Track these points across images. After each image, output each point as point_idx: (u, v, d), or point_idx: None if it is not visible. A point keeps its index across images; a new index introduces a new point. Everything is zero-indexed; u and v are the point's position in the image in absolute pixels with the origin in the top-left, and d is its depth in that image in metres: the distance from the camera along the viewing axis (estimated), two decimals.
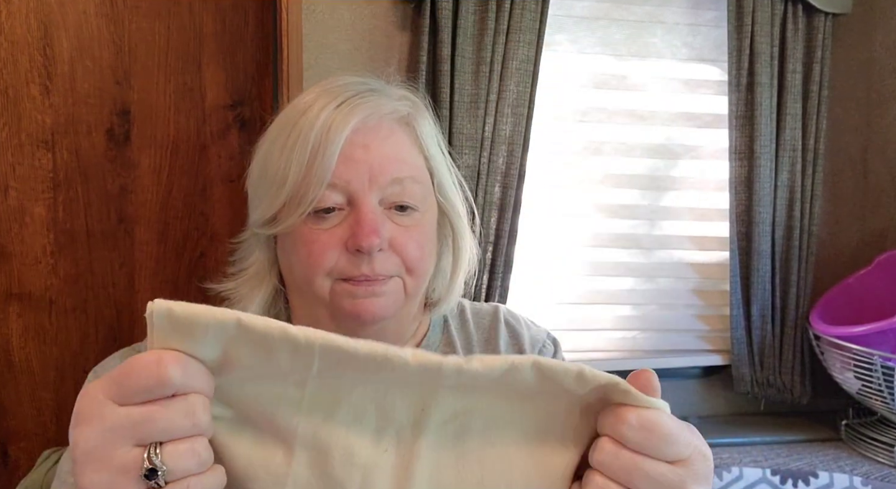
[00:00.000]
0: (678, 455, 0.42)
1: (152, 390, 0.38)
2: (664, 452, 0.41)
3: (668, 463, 0.41)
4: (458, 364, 0.42)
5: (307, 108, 0.68)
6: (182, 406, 0.38)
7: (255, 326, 0.39)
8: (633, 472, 0.41)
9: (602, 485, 0.41)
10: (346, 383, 0.43)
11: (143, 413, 0.37)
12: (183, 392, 0.38)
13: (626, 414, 0.41)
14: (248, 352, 0.40)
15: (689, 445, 0.42)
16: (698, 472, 0.42)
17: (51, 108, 1.22)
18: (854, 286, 1.46)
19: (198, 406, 0.39)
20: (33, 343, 1.25)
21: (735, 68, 1.39)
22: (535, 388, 0.43)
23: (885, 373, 1.25)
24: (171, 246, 1.29)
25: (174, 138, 1.27)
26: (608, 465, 0.41)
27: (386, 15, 1.30)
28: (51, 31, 1.21)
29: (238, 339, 0.40)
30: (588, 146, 1.47)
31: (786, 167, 1.42)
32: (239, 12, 1.28)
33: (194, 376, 0.39)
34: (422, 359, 0.41)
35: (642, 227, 1.52)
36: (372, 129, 0.68)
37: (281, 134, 0.69)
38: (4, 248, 1.23)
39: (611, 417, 0.42)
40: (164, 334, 0.39)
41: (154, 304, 0.38)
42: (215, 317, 0.39)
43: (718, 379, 1.54)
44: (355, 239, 0.65)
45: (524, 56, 1.28)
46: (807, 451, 1.34)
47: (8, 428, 1.26)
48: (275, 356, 0.40)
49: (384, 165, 0.67)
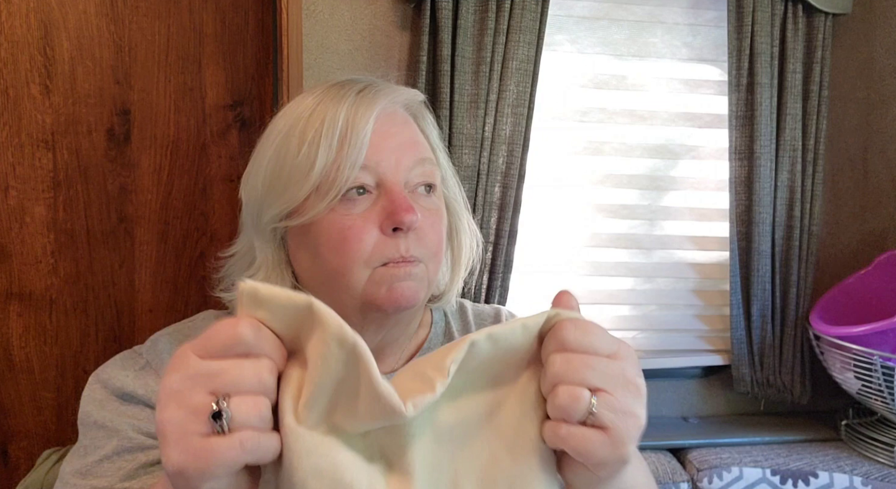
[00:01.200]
0: (610, 348, 0.47)
1: (228, 347, 0.43)
2: (602, 347, 0.47)
3: (606, 357, 0.47)
4: (443, 383, 0.45)
5: (318, 102, 0.69)
6: (251, 364, 0.43)
7: (323, 315, 0.44)
8: (585, 370, 0.45)
9: (567, 391, 0.45)
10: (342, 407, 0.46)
11: (218, 366, 0.43)
12: (255, 353, 0.43)
13: (564, 323, 0.47)
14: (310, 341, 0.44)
15: (614, 340, 0.48)
16: (632, 361, 0.48)
17: (51, 108, 1.22)
18: (854, 286, 1.46)
19: (265, 367, 0.43)
20: (33, 343, 1.25)
21: (735, 68, 1.39)
22: (491, 355, 0.47)
23: (885, 373, 1.25)
24: (171, 246, 1.29)
25: (174, 138, 1.27)
26: (563, 372, 0.46)
27: (386, 15, 1.30)
28: (51, 31, 1.21)
29: (305, 322, 0.44)
30: (588, 146, 1.47)
31: (786, 167, 1.42)
32: (239, 12, 1.28)
33: (265, 340, 0.44)
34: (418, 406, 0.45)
35: (642, 227, 1.52)
36: (390, 115, 0.70)
37: (295, 127, 0.69)
38: (4, 248, 1.23)
39: (551, 334, 0.47)
40: (249, 309, 0.44)
41: (244, 284, 0.44)
42: (291, 298, 0.44)
43: (718, 379, 1.54)
44: (394, 216, 0.65)
45: (524, 56, 1.28)
46: (807, 451, 1.34)
47: (8, 427, 1.26)
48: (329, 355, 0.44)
49: (408, 148, 0.69)
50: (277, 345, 0.45)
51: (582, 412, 0.45)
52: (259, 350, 0.43)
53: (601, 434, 0.45)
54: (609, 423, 0.45)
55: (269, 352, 0.44)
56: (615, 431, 0.45)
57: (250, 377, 0.43)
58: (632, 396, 0.47)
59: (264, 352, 0.44)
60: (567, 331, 0.46)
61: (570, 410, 0.45)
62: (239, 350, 0.43)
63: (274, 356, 0.44)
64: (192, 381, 0.42)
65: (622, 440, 0.45)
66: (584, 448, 0.45)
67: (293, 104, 0.72)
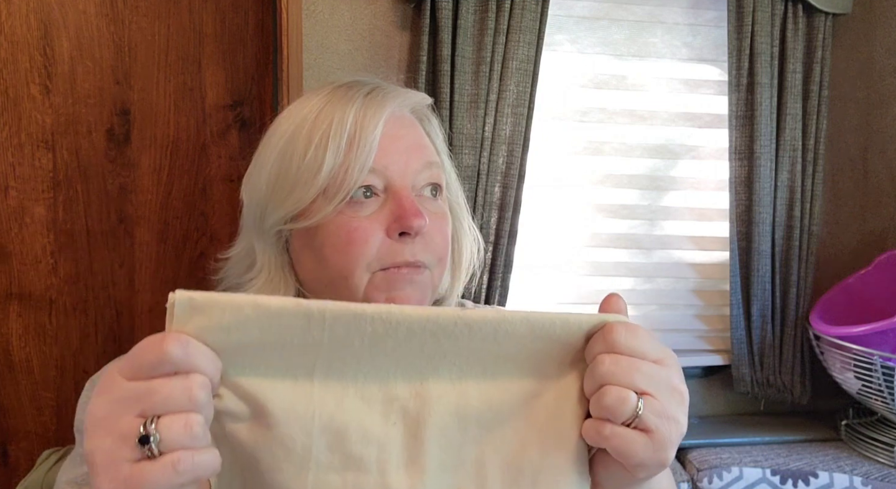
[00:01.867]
0: (658, 354, 0.48)
1: (155, 366, 0.41)
2: (650, 352, 0.47)
3: (654, 363, 0.47)
4: (455, 313, 0.46)
5: (325, 103, 0.68)
6: (180, 382, 0.41)
7: (271, 305, 0.43)
8: (633, 373, 0.46)
9: (614, 392, 0.45)
10: (350, 369, 0.47)
11: (145, 386, 0.41)
12: (185, 370, 0.41)
13: (614, 326, 0.47)
14: (262, 332, 0.44)
15: (662, 347, 0.48)
16: (677, 368, 0.49)
17: (51, 108, 1.22)
18: (854, 286, 1.45)
19: (196, 384, 0.41)
20: (33, 343, 1.25)
21: (735, 68, 1.39)
22: (526, 340, 0.47)
23: (885, 373, 1.25)
24: (171, 246, 1.29)
25: (174, 138, 1.27)
26: (611, 373, 0.46)
27: (386, 15, 1.30)
28: (51, 31, 1.21)
29: (254, 320, 0.43)
30: (588, 146, 1.47)
31: (786, 167, 1.42)
32: (239, 12, 1.28)
33: (195, 355, 0.42)
34: (422, 312, 0.46)
35: (642, 227, 1.52)
36: (398, 119, 0.70)
37: (301, 128, 0.68)
38: (4, 248, 1.23)
39: (600, 335, 0.47)
40: (182, 322, 0.42)
41: (176, 294, 0.42)
42: (233, 300, 0.43)
43: (718, 379, 1.54)
44: (402, 220, 0.64)
45: (524, 56, 1.28)
46: (807, 451, 1.34)
47: (8, 428, 1.26)
48: (288, 333, 0.44)
49: (415, 151, 0.68)
50: (210, 358, 0.43)
51: (628, 414, 0.45)
52: (189, 366, 0.41)
53: (644, 436, 0.46)
54: (653, 427, 0.46)
55: (200, 366, 0.42)
56: (658, 435, 0.46)
57: (179, 395, 0.41)
58: (676, 402, 0.47)
59: (195, 367, 0.42)
60: (617, 333, 0.46)
61: (616, 411, 0.45)
62: (167, 368, 0.41)
63: (207, 370, 0.42)
64: (118, 405, 0.41)
65: (664, 444, 0.46)
66: (626, 449, 0.46)
67: (297, 105, 0.71)
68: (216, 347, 0.43)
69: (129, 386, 0.41)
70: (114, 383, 0.42)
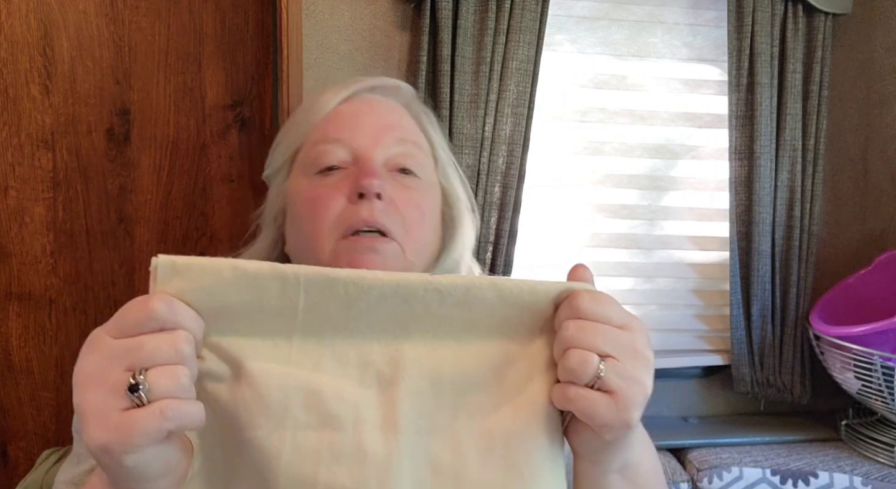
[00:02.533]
0: (622, 320, 0.49)
1: (141, 323, 0.43)
2: (614, 317, 0.49)
3: (618, 328, 0.49)
4: (425, 278, 0.48)
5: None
6: (166, 336, 0.43)
7: (248, 268, 0.45)
8: (598, 337, 0.47)
9: (577, 355, 0.47)
10: (327, 333, 0.49)
11: (132, 342, 0.43)
12: (170, 327, 0.43)
13: (580, 293, 0.49)
14: (241, 295, 0.46)
15: (626, 313, 0.50)
16: (642, 333, 0.50)
17: (51, 107, 1.22)
18: (854, 286, 1.45)
19: (181, 338, 0.43)
20: (33, 343, 1.25)
21: (735, 68, 1.39)
22: (496, 306, 0.49)
23: (885, 373, 1.25)
24: (170, 246, 1.29)
25: (174, 138, 1.27)
26: (576, 337, 0.47)
27: (386, 15, 1.30)
28: (51, 31, 1.21)
29: (233, 283, 0.45)
30: (588, 146, 1.47)
31: (786, 167, 1.42)
32: (239, 12, 1.28)
33: (179, 313, 0.44)
34: (392, 276, 0.48)
35: (642, 227, 1.52)
36: (378, 101, 0.74)
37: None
38: (4, 248, 1.23)
39: (566, 302, 0.49)
40: (164, 283, 0.45)
41: (159, 258, 0.45)
42: (212, 264, 0.45)
43: (718, 379, 1.54)
44: (356, 181, 0.66)
45: (524, 56, 1.28)
46: (807, 451, 1.34)
47: (8, 428, 1.26)
48: (266, 296, 0.46)
49: (388, 127, 0.71)
50: (193, 316, 0.45)
51: (590, 375, 0.47)
52: (174, 323, 0.44)
53: (607, 397, 0.47)
54: (615, 388, 0.47)
55: (184, 324, 0.44)
56: (621, 395, 0.47)
57: (167, 349, 0.43)
58: (639, 365, 0.48)
59: (180, 324, 0.44)
60: (582, 299, 0.48)
61: (579, 373, 0.47)
62: (153, 325, 0.43)
63: (190, 327, 0.44)
64: (108, 361, 0.43)
65: (627, 405, 0.47)
66: (589, 409, 0.47)
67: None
68: (198, 308, 0.45)
69: (117, 343, 0.43)
70: (102, 342, 0.44)
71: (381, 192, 0.66)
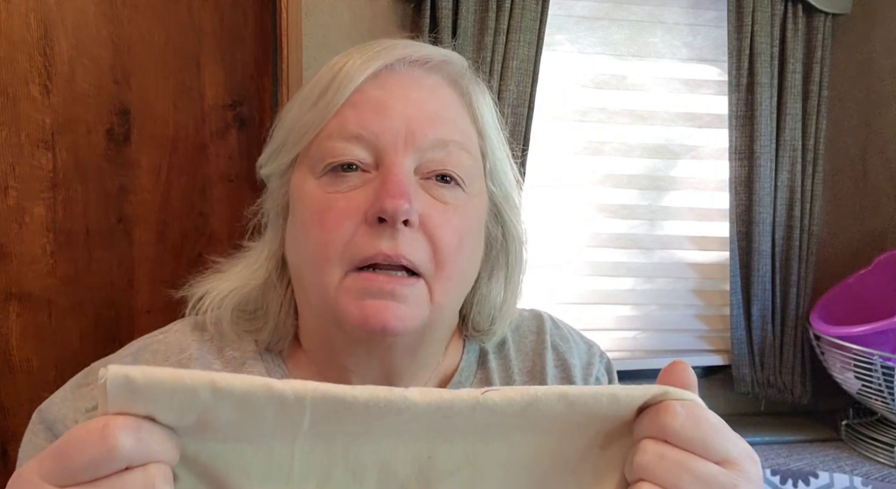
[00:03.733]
0: (727, 453, 0.37)
1: (100, 465, 0.32)
2: (713, 448, 0.37)
3: (716, 463, 0.37)
4: (473, 398, 0.37)
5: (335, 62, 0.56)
6: (140, 479, 0.32)
7: (234, 388, 0.34)
8: (682, 474, 0.35)
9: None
10: (340, 439, 0.38)
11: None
12: (139, 463, 0.33)
13: (671, 404, 0.36)
14: (227, 414, 0.35)
15: (736, 443, 0.38)
16: (751, 476, 0.37)
17: (50, 107, 1.22)
18: (854, 286, 1.45)
19: (158, 479, 0.33)
20: (32, 343, 1.25)
21: (735, 68, 1.39)
22: (563, 419, 0.38)
23: (885, 373, 1.25)
24: (169, 246, 1.29)
25: (173, 138, 1.27)
26: (653, 468, 0.36)
27: (386, 14, 1.30)
28: (50, 31, 1.21)
29: (213, 405, 0.34)
30: (588, 146, 1.47)
31: (786, 167, 1.42)
32: (238, 11, 1.28)
33: (151, 442, 0.33)
34: (431, 398, 0.37)
35: (642, 227, 1.52)
36: (418, 80, 0.55)
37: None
38: (4, 248, 1.23)
39: (652, 414, 0.37)
40: (121, 402, 0.33)
41: (108, 371, 0.33)
42: (184, 383, 0.33)
43: (718, 379, 1.54)
44: (378, 202, 0.49)
45: (524, 56, 1.28)
46: (807, 451, 1.34)
47: (8, 428, 1.26)
48: (260, 414, 0.36)
49: (427, 121, 0.53)
50: (168, 441, 0.34)
51: None
52: (145, 456, 0.32)
53: None
54: None
55: (158, 454, 0.33)
56: None
57: None
58: None
59: (152, 456, 0.33)
60: (672, 415, 0.36)
61: None
62: (116, 466, 0.32)
63: (166, 456, 0.34)
64: None
65: None
66: None
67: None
68: (168, 420, 0.34)
69: None
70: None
71: (410, 218, 0.50)
